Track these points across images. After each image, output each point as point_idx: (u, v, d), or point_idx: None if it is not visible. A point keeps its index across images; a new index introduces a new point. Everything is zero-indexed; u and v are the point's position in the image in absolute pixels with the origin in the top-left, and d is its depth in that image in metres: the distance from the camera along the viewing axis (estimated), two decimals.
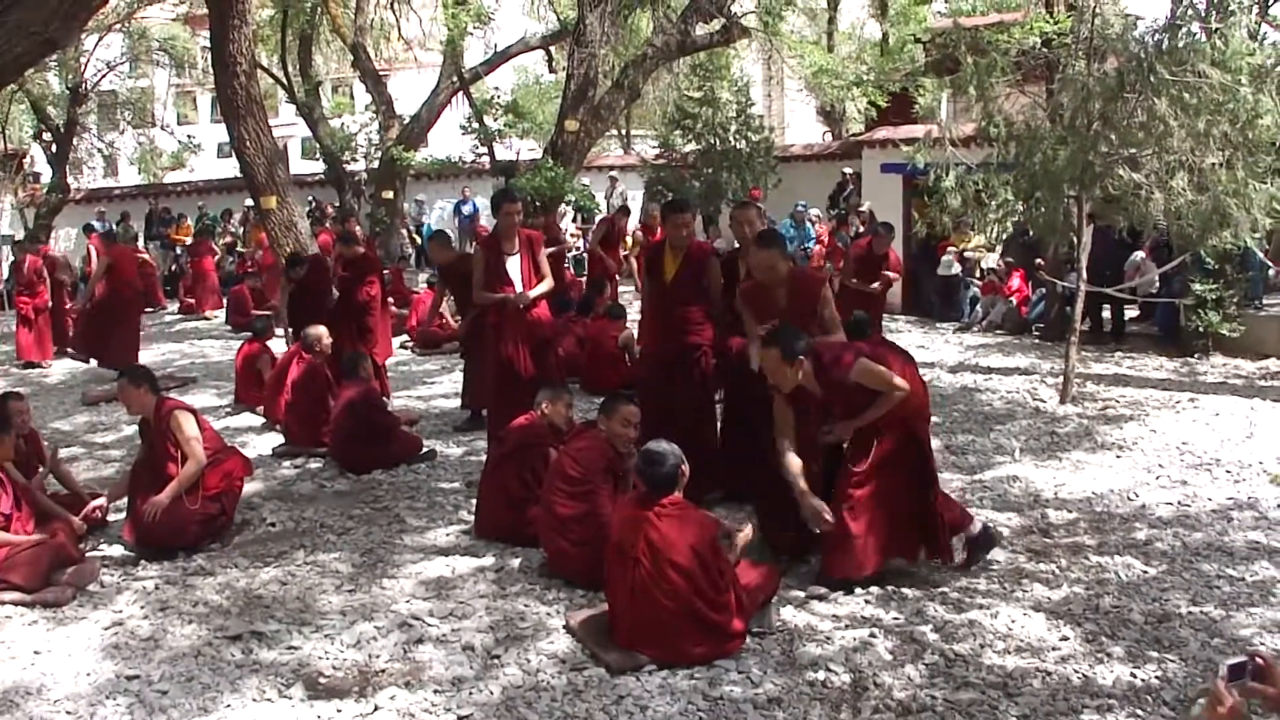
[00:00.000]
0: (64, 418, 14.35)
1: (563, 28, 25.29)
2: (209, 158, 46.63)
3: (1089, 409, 12.27)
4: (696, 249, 9.65)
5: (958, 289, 19.21)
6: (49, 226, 28.08)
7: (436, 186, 30.46)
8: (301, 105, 28.64)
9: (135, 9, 27.65)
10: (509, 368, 10.34)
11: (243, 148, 16.97)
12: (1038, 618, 6.98)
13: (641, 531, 6.53)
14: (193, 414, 8.96)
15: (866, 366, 7.34)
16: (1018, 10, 24.12)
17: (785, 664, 6.52)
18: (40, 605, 7.84)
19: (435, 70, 28.26)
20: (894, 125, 23.96)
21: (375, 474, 10.76)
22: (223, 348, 19.37)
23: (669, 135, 27.73)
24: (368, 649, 6.93)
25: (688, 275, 9.41)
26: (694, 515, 6.71)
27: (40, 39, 7.74)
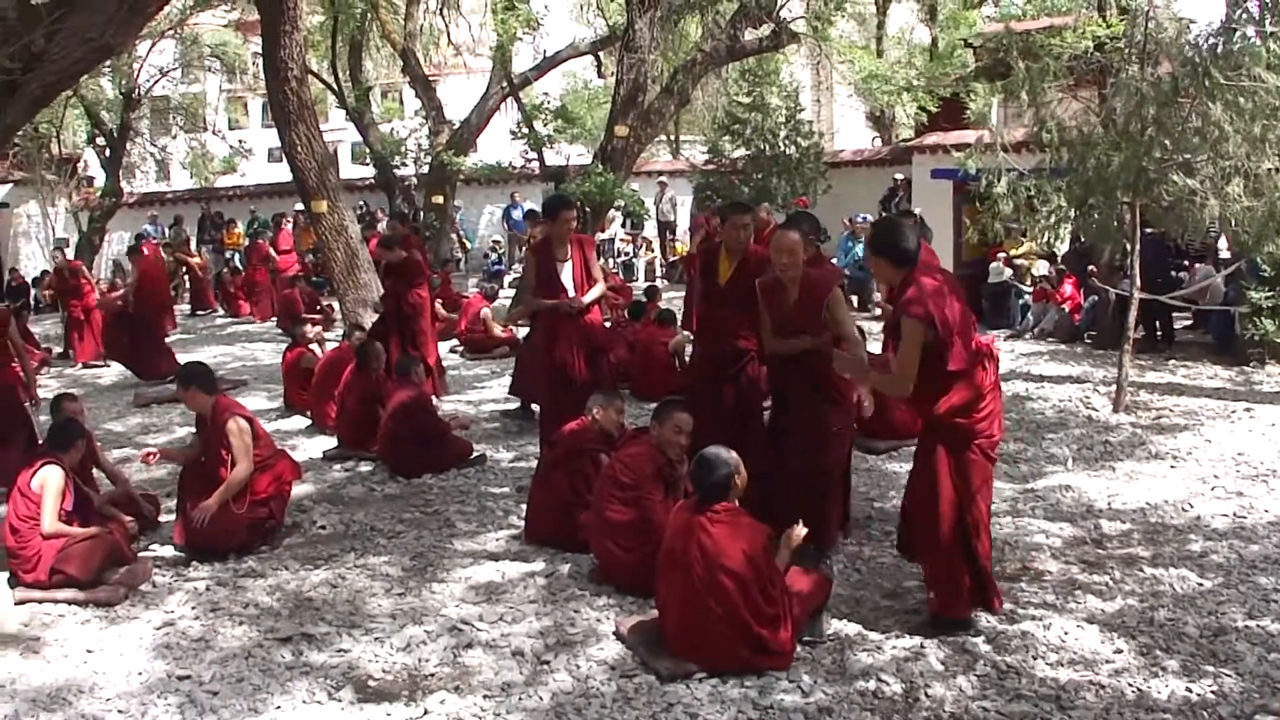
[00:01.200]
0: (117, 419, 14.46)
1: (612, 33, 25.32)
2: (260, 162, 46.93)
3: (1143, 418, 12.15)
4: (755, 255, 9.35)
5: (1008, 296, 19.08)
6: (102, 230, 28.29)
7: (486, 191, 30.53)
8: (352, 110, 28.76)
9: (187, 15, 27.82)
10: (563, 373, 10.30)
11: (294, 152, 17.03)
12: (1091, 630, 6.91)
13: (694, 537, 6.50)
14: (249, 420, 8.98)
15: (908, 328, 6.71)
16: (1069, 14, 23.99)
17: (836, 673, 6.49)
18: (93, 604, 7.93)
19: (485, 76, 28.33)
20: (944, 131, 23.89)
21: (425, 478, 10.78)
22: (273, 351, 19.47)
23: (718, 141, 27.67)
24: (417, 653, 6.94)
25: (742, 280, 9.23)
26: (746, 522, 6.68)
27: (96, 45, 7.81)
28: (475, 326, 18.13)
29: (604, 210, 22.02)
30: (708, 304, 9.51)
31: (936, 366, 6.68)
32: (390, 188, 28.41)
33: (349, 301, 17.16)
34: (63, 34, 7.48)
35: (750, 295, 9.03)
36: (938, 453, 6.89)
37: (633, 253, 29.18)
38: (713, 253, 9.53)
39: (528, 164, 27.09)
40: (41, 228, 29.97)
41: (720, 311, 9.33)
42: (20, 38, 7.28)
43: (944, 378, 6.73)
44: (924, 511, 6.99)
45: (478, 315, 18.19)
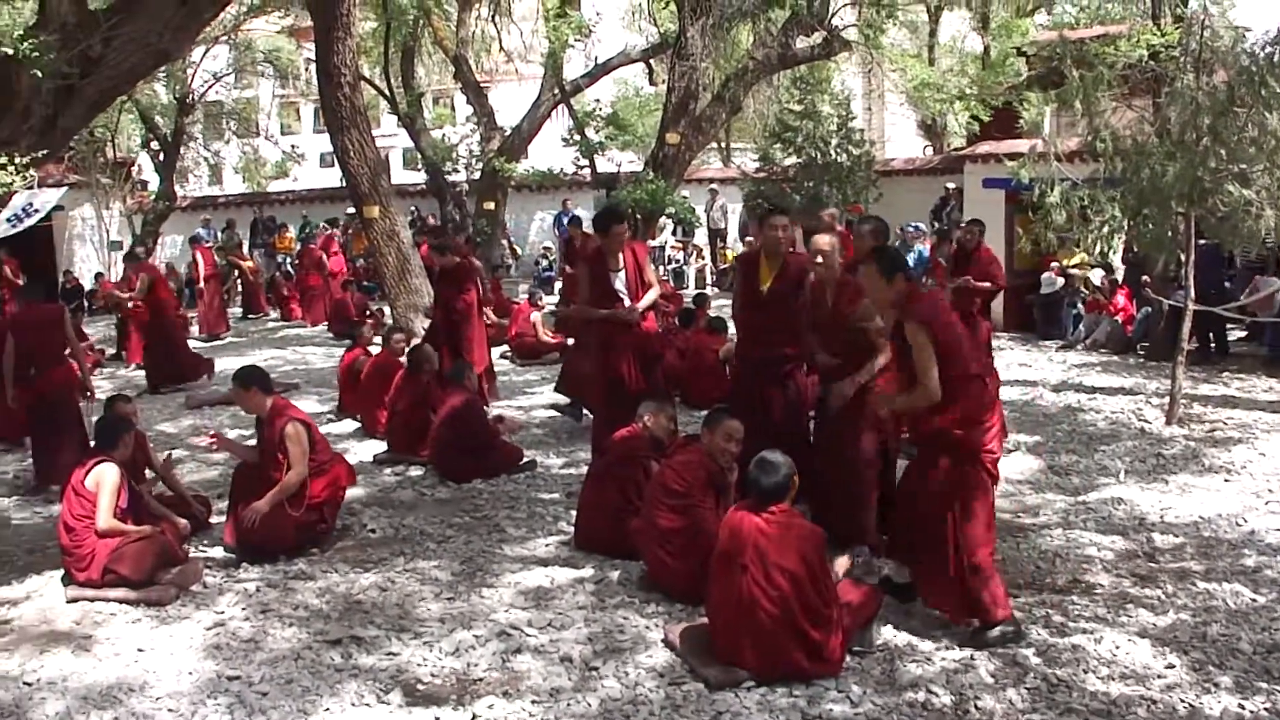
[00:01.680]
0: (169, 420, 14.57)
1: (663, 40, 25.30)
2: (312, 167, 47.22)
3: (1196, 431, 12.04)
4: (795, 262, 9.46)
5: (1060, 306, 18.96)
6: (156, 233, 28.52)
7: (537, 198, 30.60)
8: (403, 116, 28.88)
9: (241, 21, 27.99)
10: (618, 381, 10.30)
11: (346, 158, 17.13)
12: (1143, 644, 6.85)
13: (750, 538, 6.50)
14: (307, 425, 9.04)
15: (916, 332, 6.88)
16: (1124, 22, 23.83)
17: (885, 684, 6.46)
18: (144, 604, 7.98)
19: (536, 82, 28.38)
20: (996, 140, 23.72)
21: (475, 483, 10.80)
22: (324, 355, 19.58)
23: (769, 148, 27.61)
24: (466, 657, 6.95)
25: (783, 286, 9.29)
26: (801, 523, 6.70)
27: (153, 50, 7.88)
28: (525, 332, 18.16)
29: (655, 218, 22.04)
30: (749, 310, 9.55)
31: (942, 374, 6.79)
32: (442, 194, 28.52)
33: (400, 306, 17.23)
34: (120, 39, 7.54)
35: (793, 300, 9.09)
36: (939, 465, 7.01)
37: (683, 260, 29.15)
38: (753, 259, 9.61)
39: (579, 171, 27.16)
40: (96, 231, 30.22)
41: (762, 318, 9.40)
42: (78, 43, 7.34)
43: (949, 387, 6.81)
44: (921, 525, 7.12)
45: (528, 321, 18.22)
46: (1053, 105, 18.14)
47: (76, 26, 7.38)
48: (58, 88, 7.40)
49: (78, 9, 7.42)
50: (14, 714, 6.47)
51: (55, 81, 7.28)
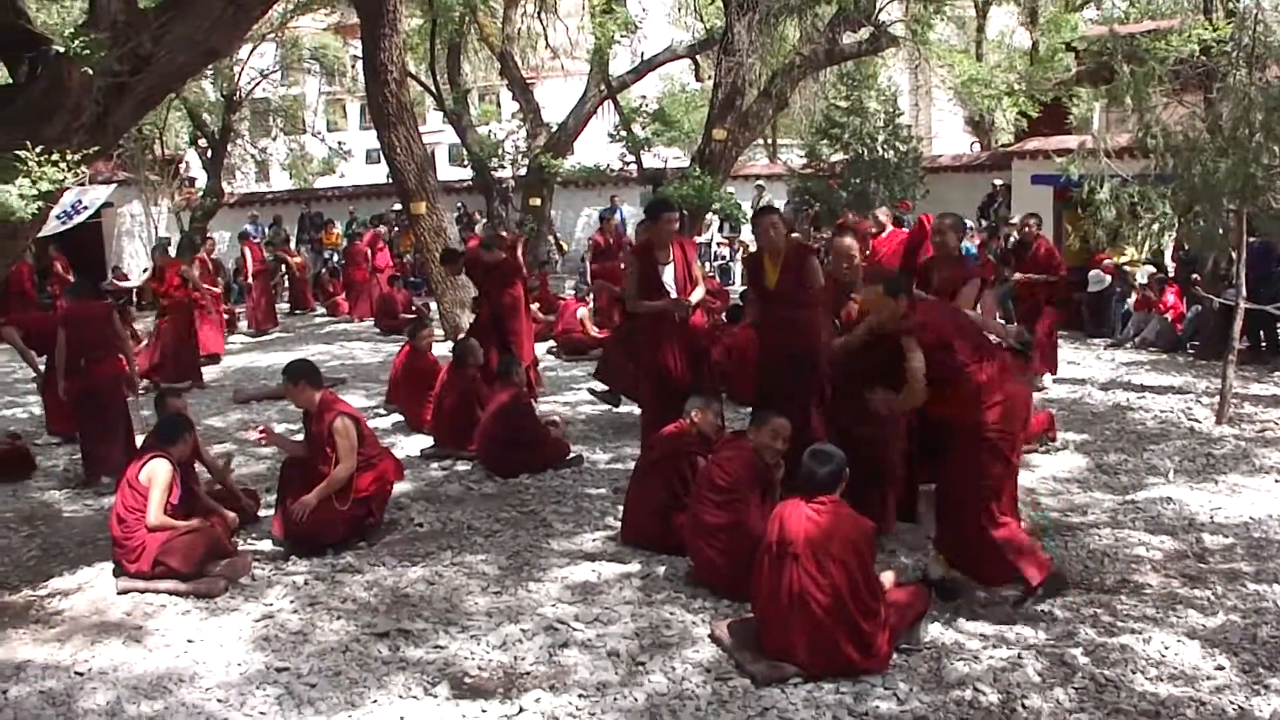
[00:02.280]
0: (217, 415, 14.66)
1: (710, 36, 25.29)
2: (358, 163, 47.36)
3: (1246, 430, 11.94)
4: (794, 250, 9.78)
5: (1109, 304, 18.85)
6: (203, 229, 28.66)
7: (583, 194, 30.61)
8: (450, 113, 28.89)
9: (289, 19, 28.11)
10: (665, 377, 10.31)
11: (393, 154, 17.21)
12: (1192, 645, 6.81)
13: (801, 527, 6.52)
14: (356, 420, 9.09)
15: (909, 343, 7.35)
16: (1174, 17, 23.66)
17: (932, 682, 6.44)
18: (194, 596, 8.04)
19: (582, 78, 28.36)
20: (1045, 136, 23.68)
21: (522, 478, 10.81)
22: (371, 350, 19.67)
23: (816, 145, 27.60)
24: (513, 651, 6.97)
25: (790, 278, 9.51)
26: (850, 513, 6.70)
27: (203, 48, 7.91)
28: (572, 328, 18.17)
29: (701, 214, 22.04)
30: (764, 308, 9.76)
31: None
32: (488, 190, 28.55)
33: (447, 301, 17.32)
34: (170, 37, 7.58)
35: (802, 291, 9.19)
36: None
37: (729, 256, 29.13)
38: (757, 259, 9.84)
39: (625, 167, 27.14)
40: (144, 227, 30.45)
41: (777, 313, 9.61)
42: (129, 41, 7.38)
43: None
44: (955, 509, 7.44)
45: (574, 316, 18.24)
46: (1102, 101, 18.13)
47: (127, 24, 7.42)
48: (108, 85, 7.43)
49: (128, 7, 7.45)
50: (65, 703, 6.53)
51: (106, 79, 7.32)
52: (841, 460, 6.79)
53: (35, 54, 7.58)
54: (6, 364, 19.25)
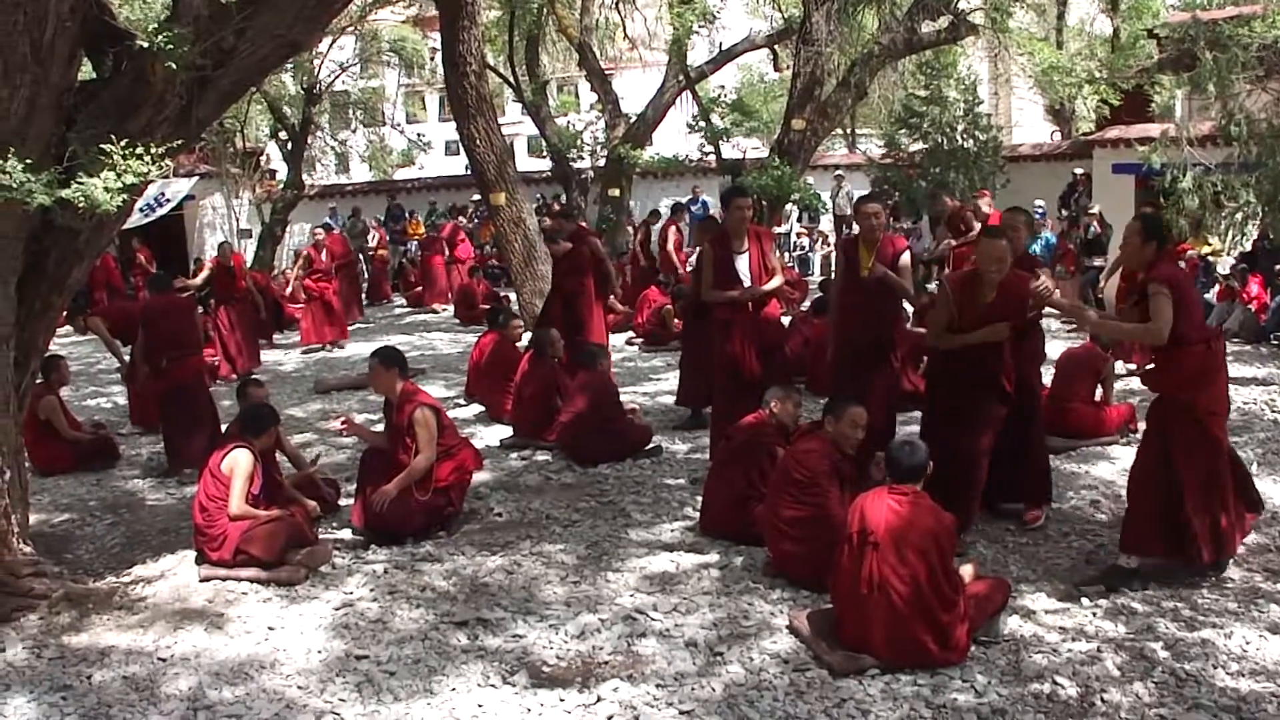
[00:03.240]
0: (298, 405, 14.79)
1: (788, 26, 25.22)
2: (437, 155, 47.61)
3: None
4: (890, 242, 9.80)
5: None
6: (284, 221, 28.91)
7: (662, 185, 30.58)
8: (528, 104, 29.02)
9: (368, 12, 28.24)
10: (735, 367, 10.28)
11: (473, 145, 17.26)
12: (1274, 640, 6.72)
13: (883, 516, 6.52)
14: (436, 410, 9.14)
15: (1158, 292, 7.36)
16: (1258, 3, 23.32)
17: (1011, 674, 6.40)
18: (274, 584, 8.12)
19: (660, 69, 28.41)
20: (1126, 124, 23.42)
21: (601, 468, 10.83)
22: (450, 340, 19.79)
23: (895, 134, 27.45)
24: (591, 640, 6.99)
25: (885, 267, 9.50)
26: (932, 505, 6.68)
27: (284, 41, 7.99)
28: (653, 321, 18.17)
29: (781, 204, 21.99)
30: (852, 295, 9.65)
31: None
32: (567, 181, 28.65)
33: (526, 292, 17.35)
34: (252, 31, 7.66)
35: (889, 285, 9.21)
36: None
37: (808, 247, 29.02)
38: (852, 245, 9.79)
39: (704, 157, 27.14)
40: (226, 219, 30.75)
41: (864, 302, 9.54)
42: (211, 35, 7.46)
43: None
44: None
45: (656, 309, 18.21)
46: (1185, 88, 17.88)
47: (209, 19, 7.50)
48: (191, 79, 7.52)
49: (210, 2, 7.54)
50: (148, 688, 6.62)
51: (189, 73, 7.41)
52: (926, 453, 6.79)
53: (120, 49, 7.69)
54: (92, 354, 19.55)
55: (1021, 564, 8.07)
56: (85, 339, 19.52)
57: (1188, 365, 7.48)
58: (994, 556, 8.13)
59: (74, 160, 7.04)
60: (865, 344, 9.49)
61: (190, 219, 30.69)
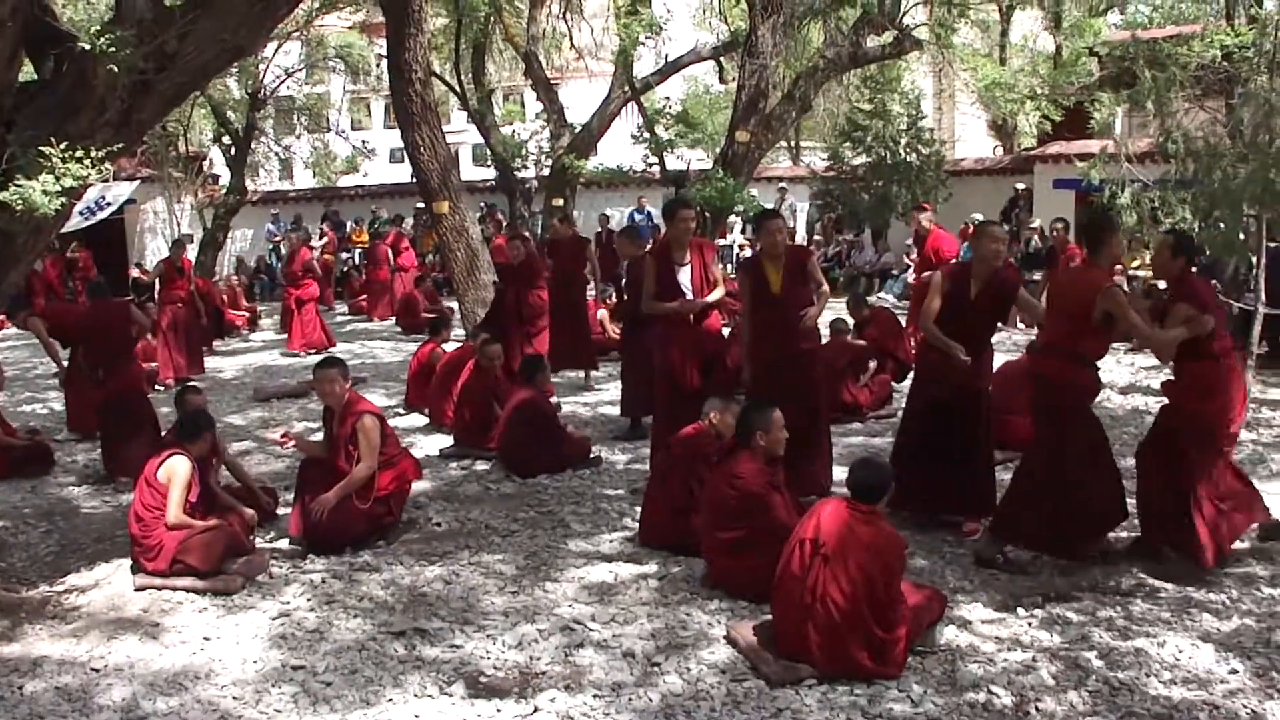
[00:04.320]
0: (237, 412, 14.73)
1: (734, 38, 25.30)
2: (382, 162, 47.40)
3: (1264, 435, 11.91)
4: (793, 253, 9.87)
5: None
6: (226, 227, 28.77)
7: (606, 195, 30.60)
8: (474, 112, 28.99)
9: (314, 17, 28.18)
10: (676, 378, 10.30)
11: (417, 153, 17.23)
12: (1206, 649, 6.80)
13: (839, 528, 6.55)
14: (380, 419, 9.13)
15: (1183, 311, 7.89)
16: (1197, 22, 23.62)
17: (946, 684, 6.44)
18: (211, 593, 8.08)
19: (606, 79, 28.40)
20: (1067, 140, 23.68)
21: (541, 478, 10.82)
22: (392, 349, 19.76)
23: (839, 147, 27.58)
24: (529, 650, 6.99)
25: (792, 284, 9.55)
26: (887, 527, 6.75)
27: (228, 46, 7.96)
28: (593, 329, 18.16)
29: (724, 216, 22.05)
30: (765, 312, 9.60)
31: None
32: (511, 190, 28.63)
33: (468, 301, 17.34)
34: (195, 35, 7.62)
35: (805, 294, 9.55)
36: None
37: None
38: (756, 263, 9.78)
39: (649, 168, 27.18)
40: (167, 224, 30.56)
41: (778, 317, 9.55)
42: (154, 38, 7.42)
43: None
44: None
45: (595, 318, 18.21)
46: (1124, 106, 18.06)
47: (153, 22, 7.46)
48: (134, 82, 7.48)
49: (154, 4, 7.49)
50: (81, 699, 6.58)
51: (131, 76, 7.37)
52: (889, 475, 6.87)
53: (61, 50, 7.63)
54: (28, 359, 19.37)
55: (958, 574, 8.12)
56: (21, 343, 19.38)
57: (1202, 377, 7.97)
58: (931, 567, 8.19)
59: (12, 162, 6.99)
60: (783, 362, 9.49)
61: (131, 223, 30.50)
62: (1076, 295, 8.13)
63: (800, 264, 9.74)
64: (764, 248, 9.71)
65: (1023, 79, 27.88)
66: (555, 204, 26.26)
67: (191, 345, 17.97)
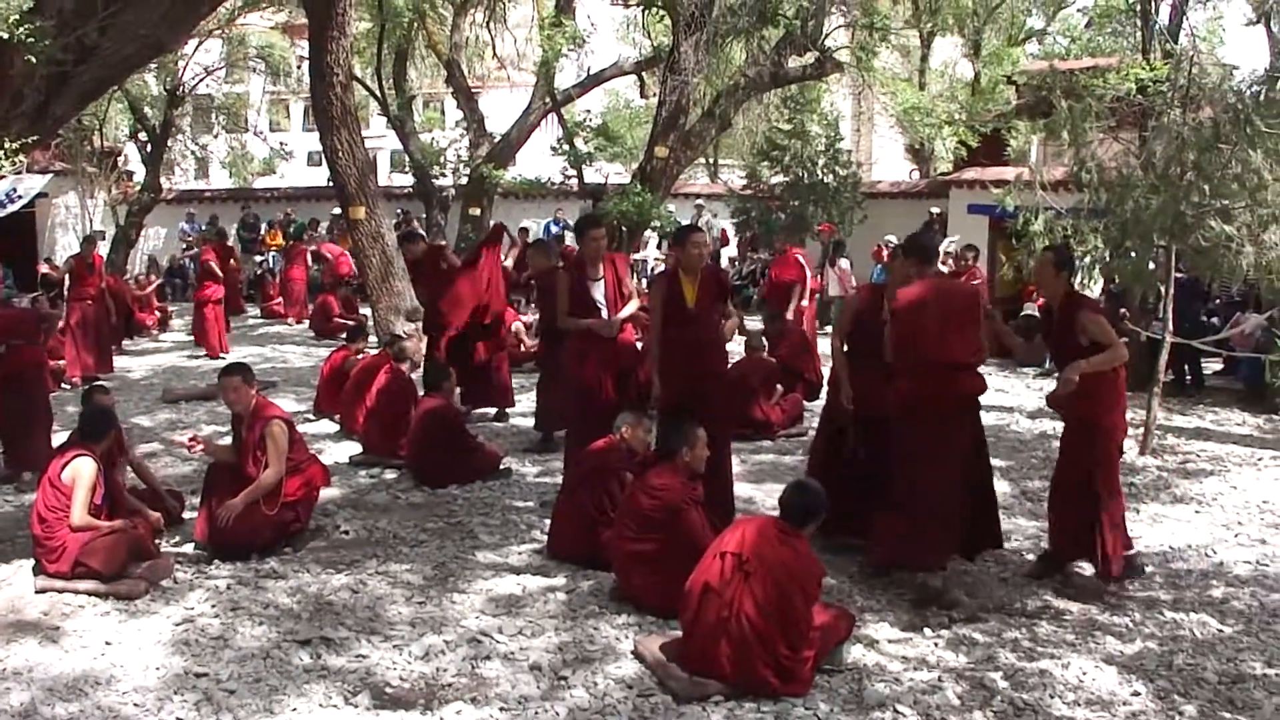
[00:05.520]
0: (145, 413, 14.55)
1: (656, 54, 25.39)
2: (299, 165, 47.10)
3: (1169, 461, 12.13)
4: (710, 271, 9.89)
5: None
6: (139, 224, 28.44)
7: (524, 205, 30.55)
8: (393, 118, 28.92)
9: (236, 16, 27.96)
10: (589, 392, 10.28)
11: (335, 157, 17.11)
12: (1109, 671, 6.91)
13: (764, 549, 6.58)
14: (288, 424, 9.06)
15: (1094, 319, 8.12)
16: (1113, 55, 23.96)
17: (853, 703, 6.49)
18: (114, 597, 7.97)
19: (527, 90, 28.43)
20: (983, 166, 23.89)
21: (450, 489, 10.79)
22: (304, 354, 19.61)
23: (756, 166, 27.70)
24: (435, 662, 6.97)
25: (707, 300, 9.56)
26: (810, 554, 6.78)
27: (149, 41, 7.91)
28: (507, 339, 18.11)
29: (640, 230, 22.09)
30: (677, 328, 9.52)
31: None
32: (428, 197, 28.54)
33: (382, 308, 17.22)
34: (116, 28, 7.56)
35: (716, 312, 9.58)
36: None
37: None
38: (672, 278, 9.71)
39: (567, 180, 27.22)
40: (79, 219, 30.13)
41: (692, 334, 9.50)
42: (74, 30, 7.36)
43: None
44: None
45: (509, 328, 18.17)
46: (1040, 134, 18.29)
47: (73, 13, 7.40)
48: (51, 74, 7.41)
49: None
50: None
51: (49, 68, 7.30)
52: (822, 504, 6.89)
53: None
54: None
55: (866, 594, 8.18)
56: None
57: (1103, 389, 8.11)
58: (839, 586, 8.23)
59: None
60: (696, 377, 9.44)
61: (42, 217, 29.97)
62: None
63: (717, 282, 9.76)
64: (683, 261, 9.63)
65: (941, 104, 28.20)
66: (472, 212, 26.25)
67: (101, 344, 17.73)
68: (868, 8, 20.70)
